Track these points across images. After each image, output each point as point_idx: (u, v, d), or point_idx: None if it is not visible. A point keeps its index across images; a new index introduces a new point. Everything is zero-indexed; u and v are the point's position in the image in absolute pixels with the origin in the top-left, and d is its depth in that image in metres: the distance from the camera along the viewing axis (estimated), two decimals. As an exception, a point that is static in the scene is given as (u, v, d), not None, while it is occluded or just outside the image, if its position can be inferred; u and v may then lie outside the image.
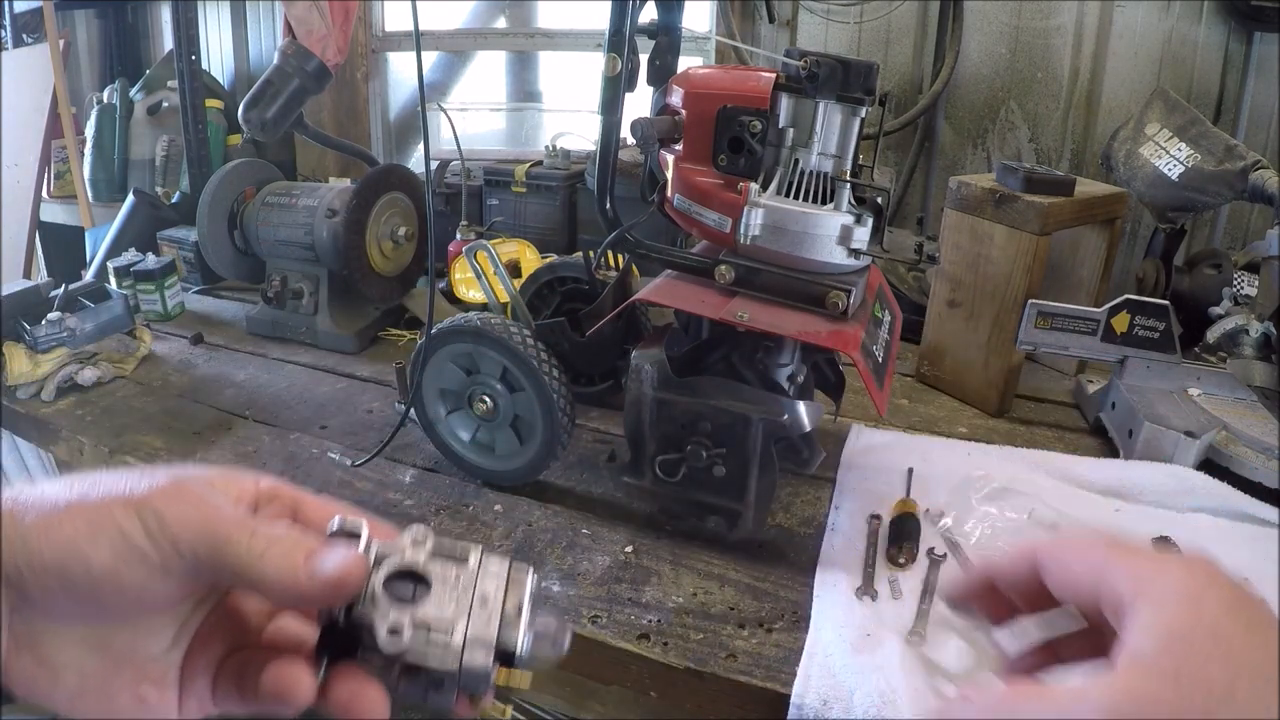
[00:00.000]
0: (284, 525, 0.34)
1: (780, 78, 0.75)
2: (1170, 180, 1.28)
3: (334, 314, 1.35)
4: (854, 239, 0.75)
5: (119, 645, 0.32)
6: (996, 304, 1.11)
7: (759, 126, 0.75)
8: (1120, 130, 1.41)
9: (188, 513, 0.31)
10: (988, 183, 1.11)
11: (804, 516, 0.90)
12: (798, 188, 0.76)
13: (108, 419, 1.11)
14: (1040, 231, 1.05)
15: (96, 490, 0.31)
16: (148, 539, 0.30)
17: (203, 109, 1.90)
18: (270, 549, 0.31)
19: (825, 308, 0.76)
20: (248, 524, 0.32)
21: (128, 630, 0.32)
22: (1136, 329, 1.04)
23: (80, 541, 0.29)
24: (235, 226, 1.39)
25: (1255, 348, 1.09)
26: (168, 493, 0.31)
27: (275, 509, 0.36)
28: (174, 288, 1.47)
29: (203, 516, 0.31)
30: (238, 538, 0.31)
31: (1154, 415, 0.97)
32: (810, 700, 0.65)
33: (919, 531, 0.83)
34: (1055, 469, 0.97)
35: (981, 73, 1.75)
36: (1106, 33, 1.62)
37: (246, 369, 1.27)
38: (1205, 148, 1.26)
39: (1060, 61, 1.67)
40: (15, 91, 2.25)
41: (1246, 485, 0.92)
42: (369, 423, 1.10)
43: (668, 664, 0.70)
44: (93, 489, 0.31)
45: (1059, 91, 1.69)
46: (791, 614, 0.75)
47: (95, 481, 0.31)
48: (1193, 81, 1.59)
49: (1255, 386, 1.05)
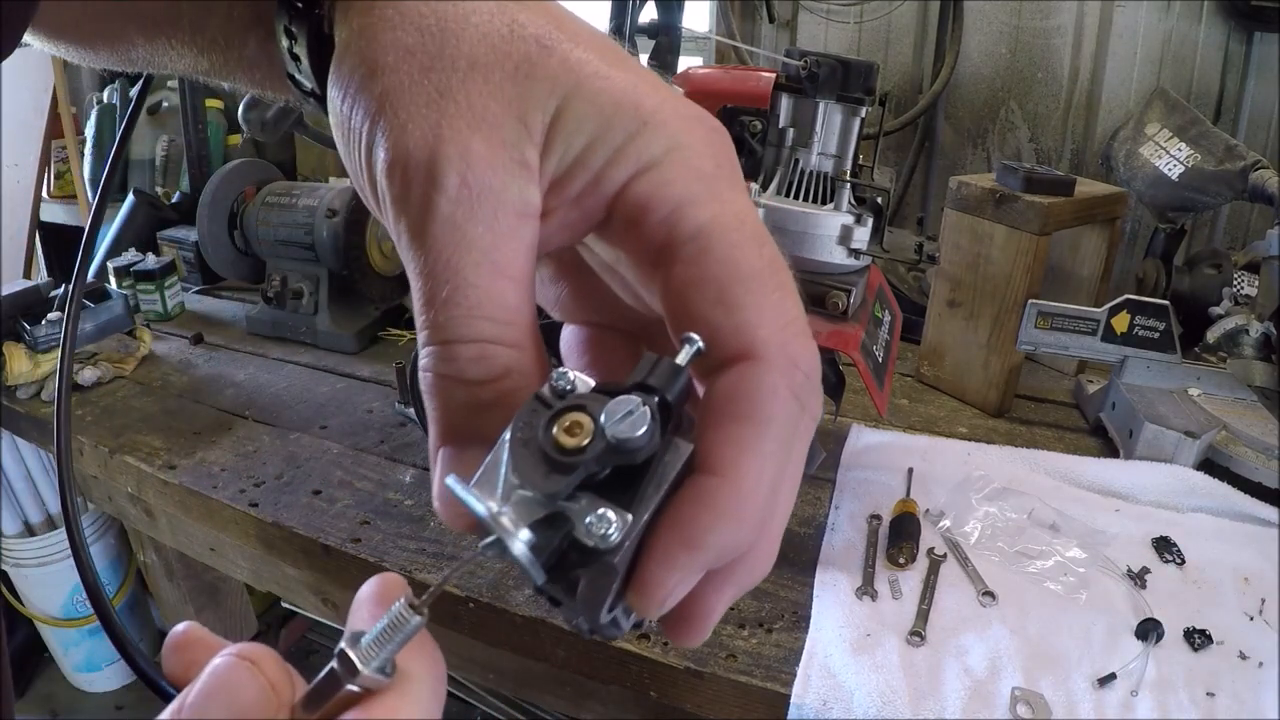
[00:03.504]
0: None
1: (780, 78, 0.75)
2: (1170, 180, 1.28)
3: (334, 314, 1.35)
4: (854, 239, 0.75)
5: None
6: (996, 304, 1.11)
7: (759, 126, 0.75)
8: (1120, 130, 1.41)
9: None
10: (988, 183, 1.11)
11: (804, 516, 0.90)
12: (798, 188, 0.76)
13: (108, 419, 1.10)
14: (1040, 231, 1.05)
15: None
16: None
17: (203, 109, 1.90)
18: None
19: (825, 308, 0.76)
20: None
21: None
22: (1136, 329, 1.04)
23: None
24: (235, 226, 1.39)
25: (1255, 348, 1.09)
26: None
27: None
28: (174, 288, 1.47)
29: None
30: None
31: (1154, 415, 0.97)
32: (810, 700, 0.65)
33: (919, 531, 0.83)
34: (1055, 469, 0.97)
35: (981, 73, 1.75)
36: (1106, 33, 1.62)
37: (246, 369, 1.27)
38: (1205, 148, 1.26)
39: (1060, 61, 1.67)
40: (15, 91, 2.25)
41: (1246, 485, 0.92)
42: (369, 422, 1.10)
43: (668, 664, 0.70)
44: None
45: (1059, 91, 1.69)
46: (791, 614, 0.75)
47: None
48: (1193, 81, 1.59)
49: (1255, 386, 1.05)
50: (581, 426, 0.22)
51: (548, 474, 0.22)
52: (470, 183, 0.23)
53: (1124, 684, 0.66)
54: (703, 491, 0.23)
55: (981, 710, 0.64)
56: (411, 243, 0.24)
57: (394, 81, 0.24)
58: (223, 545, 1.05)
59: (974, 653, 0.69)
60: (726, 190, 0.25)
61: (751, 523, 0.23)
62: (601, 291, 0.29)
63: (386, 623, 0.23)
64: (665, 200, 0.24)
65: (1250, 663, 0.69)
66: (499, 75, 0.24)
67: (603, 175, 0.25)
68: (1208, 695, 0.66)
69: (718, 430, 0.23)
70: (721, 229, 0.24)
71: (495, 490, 0.22)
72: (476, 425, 0.25)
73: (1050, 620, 0.73)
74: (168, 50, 0.33)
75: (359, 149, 0.25)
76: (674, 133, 0.25)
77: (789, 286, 0.25)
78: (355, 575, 0.85)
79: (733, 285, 0.24)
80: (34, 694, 2.01)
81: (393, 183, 0.24)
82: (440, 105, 0.24)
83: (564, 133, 0.24)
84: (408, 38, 0.24)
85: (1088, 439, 1.10)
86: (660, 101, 0.25)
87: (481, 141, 0.24)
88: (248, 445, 1.04)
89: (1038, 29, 1.68)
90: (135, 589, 1.94)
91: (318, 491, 0.94)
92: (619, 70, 0.25)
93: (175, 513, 1.01)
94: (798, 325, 0.24)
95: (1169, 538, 0.84)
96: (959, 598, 0.76)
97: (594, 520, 0.22)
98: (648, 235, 0.25)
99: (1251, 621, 0.74)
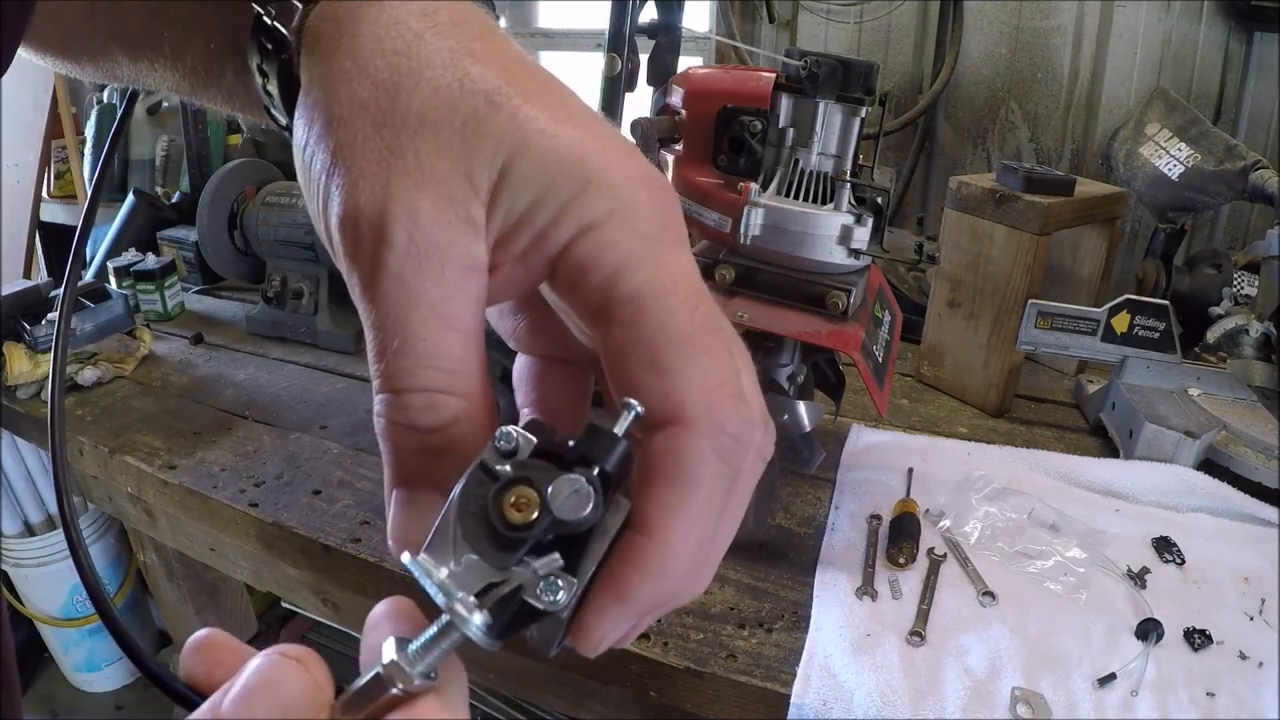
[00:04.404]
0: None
1: (780, 78, 0.75)
2: (1170, 180, 1.28)
3: (334, 314, 1.35)
4: (854, 239, 0.75)
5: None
6: (996, 304, 1.11)
7: (759, 126, 0.75)
8: (1120, 130, 1.41)
9: None
10: (988, 183, 1.11)
11: (804, 516, 0.90)
12: (798, 188, 0.76)
13: (108, 419, 1.11)
14: (1040, 231, 1.05)
15: None
16: None
17: (203, 109, 1.90)
18: None
19: (825, 308, 0.76)
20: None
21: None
22: (1136, 329, 1.04)
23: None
24: (235, 226, 1.39)
25: (1255, 348, 1.09)
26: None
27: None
28: (174, 288, 1.47)
29: None
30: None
31: (1154, 415, 0.97)
32: (810, 700, 0.65)
33: (919, 531, 0.83)
34: (1055, 469, 0.97)
35: (981, 73, 1.75)
36: (1106, 33, 1.62)
37: (246, 369, 1.27)
38: (1205, 148, 1.26)
39: (1060, 61, 1.67)
40: (15, 91, 2.25)
41: (1246, 485, 0.92)
42: (369, 422, 1.10)
43: (668, 664, 0.70)
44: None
45: (1059, 91, 1.69)
46: (791, 614, 0.75)
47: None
48: (1193, 81, 1.59)
49: (1255, 386, 1.05)
50: (528, 502, 0.24)
51: (496, 548, 0.24)
52: (418, 240, 0.24)
53: (1124, 684, 0.66)
54: (633, 550, 0.24)
55: (981, 710, 0.64)
56: (364, 295, 0.25)
57: (347, 136, 0.25)
58: (223, 545, 1.05)
59: (974, 653, 0.69)
60: (667, 252, 0.26)
61: (677, 578, 0.25)
62: (557, 327, 0.30)
63: (436, 630, 0.24)
64: (605, 262, 0.25)
65: (1250, 663, 0.69)
66: (447, 132, 0.24)
67: (546, 234, 0.25)
68: (1208, 695, 0.66)
69: (648, 491, 0.24)
70: (656, 293, 0.25)
71: (448, 556, 0.24)
72: (427, 469, 0.27)
73: (1050, 620, 0.73)
74: (151, 72, 0.34)
75: (317, 197, 0.26)
76: (618, 193, 0.25)
77: (721, 349, 0.25)
78: (355, 575, 0.85)
79: (662, 350, 0.24)
80: (34, 694, 2.01)
81: (345, 237, 0.25)
82: (390, 163, 0.24)
83: (509, 190, 0.25)
84: (363, 91, 0.25)
85: (1088, 439, 1.10)
86: (606, 161, 0.25)
87: (429, 200, 0.24)
88: (248, 445, 1.04)
89: (1038, 29, 1.68)
90: (135, 589, 1.95)
91: (318, 491, 0.94)
92: (567, 127, 0.25)
93: (175, 513, 1.01)
94: (727, 389, 0.25)
95: (1169, 538, 0.84)
96: (959, 598, 0.76)
97: (545, 587, 0.24)
98: (587, 295, 0.25)
99: (1251, 621, 0.74)
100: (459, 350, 0.26)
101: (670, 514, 0.24)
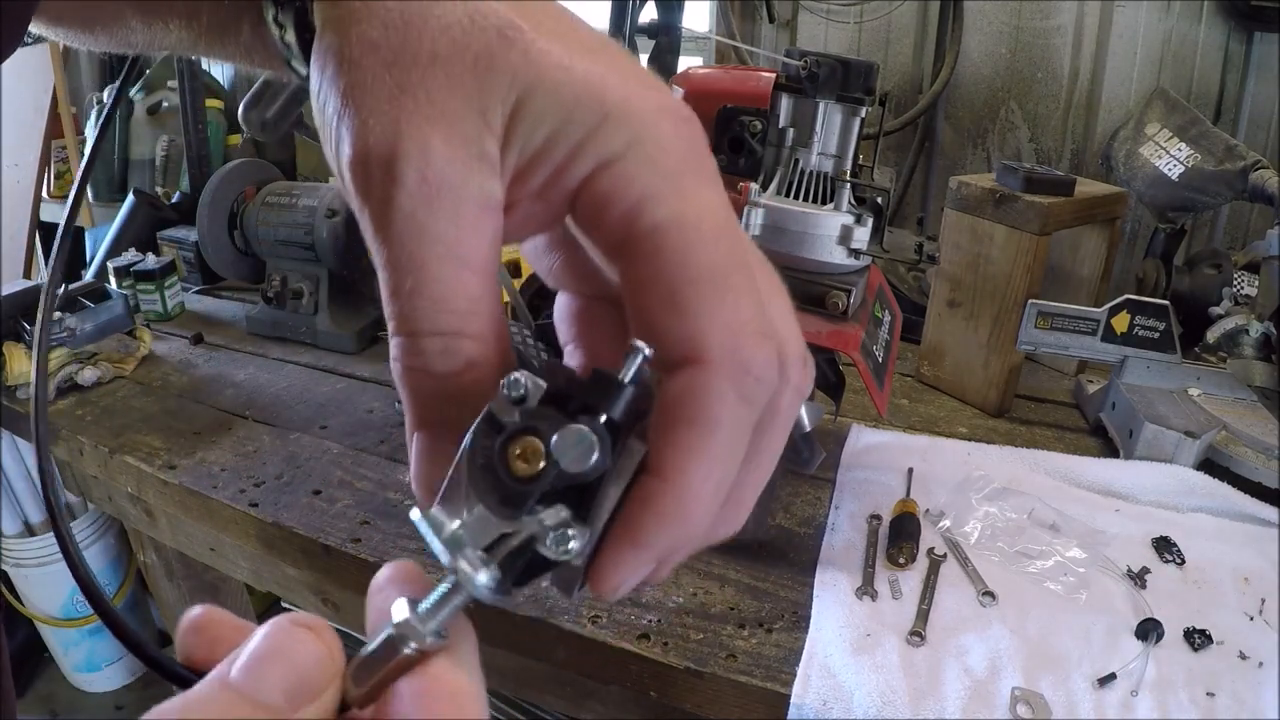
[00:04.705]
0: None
1: (780, 78, 0.75)
2: (1170, 180, 1.28)
3: (334, 314, 1.35)
4: (854, 239, 0.75)
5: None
6: (996, 304, 1.11)
7: (759, 126, 0.75)
8: (1120, 130, 1.41)
9: None
10: (988, 183, 1.11)
11: (804, 516, 0.90)
12: (798, 188, 0.76)
13: (108, 419, 1.11)
14: (1040, 231, 1.05)
15: None
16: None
17: (203, 109, 1.90)
18: None
19: (825, 308, 0.76)
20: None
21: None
22: (1136, 329, 1.04)
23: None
24: (235, 226, 1.39)
25: (1255, 348, 1.09)
26: None
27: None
28: (174, 288, 1.47)
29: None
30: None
31: (1154, 415, 0.97)
32: (810, 700, 0.65)
33: (919, 531, 0.83)
34: (1055, 469, 0.97)
35: (981, 73, 1.75)
36: (1106, 33, 1.62)
37: (246, 369, 1.27)
38: (1205, 148, 1.26)
39: (1060, 61, 1.68)
40: (15, 91, 2.25)
41: (1246, 485, 0.92)
42: (369, 422, 1.10)
43: (668, 664, 0.70)
44: None
45: (1059, 91, 1.69)
46: (791, 614, 0.75)
47: None
48: (1193, 81, 1.59)
49: (1255, 386, 1.05)
50: (534, 453, 0.23)
51: (504, 501, 0.23)
52: (430, 178, 0.24)
53: (1124, 684, 0.66)
54: (648, 494, 0.24)
55: (981, 710, 0.64)
56: (376, 235, 0.25)
57: (358, 76, 0.24)
58: (223, 545, 1.05)
59: (974, 653, 0.69)
60: (691, 184, 0.25)
61: (696, 522, 0.24)
62: (591, 264, 0.29)
63: (445, 588, 0.24)
64: (624, 196, 0.24)
65: (1250, 663, 0.69)
66: (459, 68, 0.24)
67: (563, 169, 0.25)
68: (1208, 695, 0.66)
69: (665, 433, 0.24)
70: (678, 227, 0.24)
71: (460, 508, 0.24)
72: (446, 413, 0.26)
73: (1050, 620, 0.73)
74: (165, 34, 0.34)
75: (330, 140, 0.25)
76: (638, 125, 0.24)
77: (745, 285, 0.25)
78: (355, 575, 0.85)
79: (683, 287, 0.24)
80: (34, 694, 2.01)
81: (356, 177, 0.24)
82: (400, 101, 0.24)
83: (523, 126, 0.24)
84: (373, 31, 0.24)
85: (1088, 439, 1.10)
86: (626, 93, 0.24)
87: (440, 137, 0.24)
88: (248, 445, 1.04)
89: (1038, 29, 1.68)
90: (135, 589, 1.95)
91: (318, 491, 0.94)
92: (584, 60, 0.24)
93: (175, 513, 1.01)
94: (751, 326, 0.24)
95: (1169, 538, 0.84)
96: (959, 598, 0.76)
97: (557, 537, 0.23)
98: (608, 231, 0.25)
99: (1251, 621, 0.74)
100: (475, 290, 0.25)
101: (687, 457, 0.23)
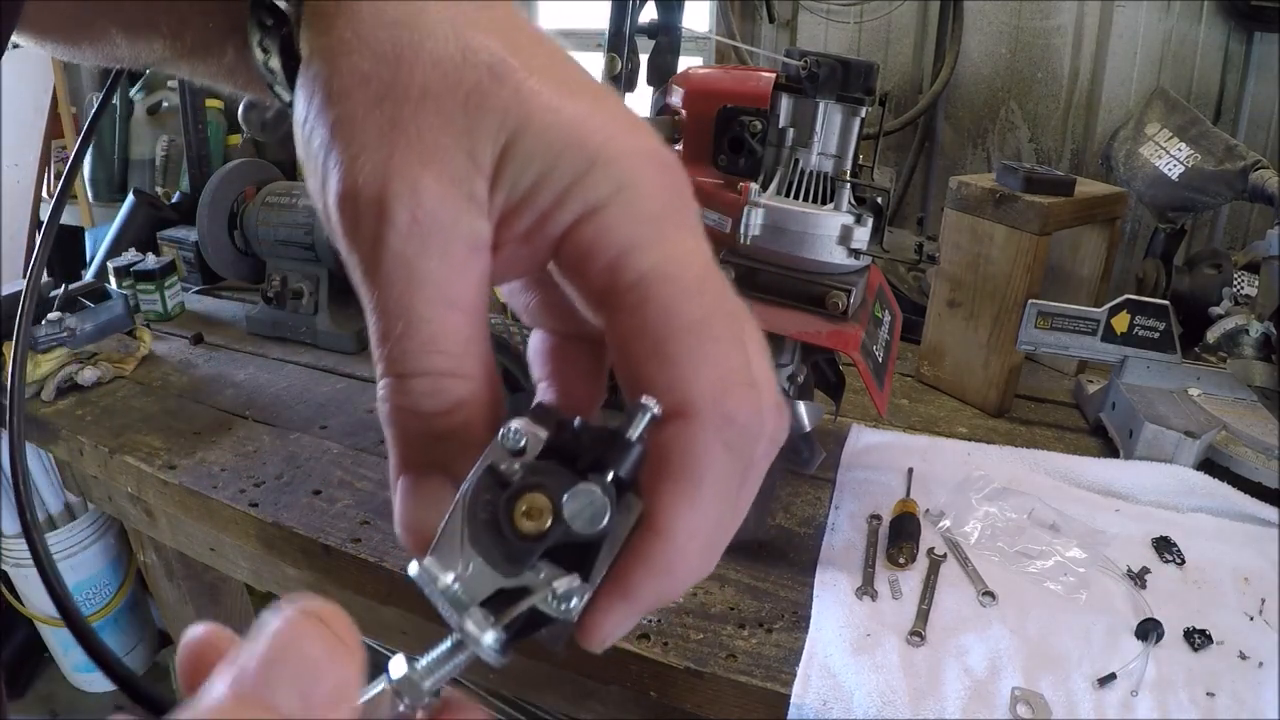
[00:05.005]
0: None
1: (780, 78, 0.75)
2: (1170, 180, 1.28)
3: (334, 314, 1.35)
4: (854, 239, 0.75)
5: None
6: (996, 304, 1.11)
7: (759, 126, 0.75)
8: (1120, 130, 1.41)
9: None
10: (988, 183, 1.11)
11: (804, 516, 0.90)
12: (798, 188, 0.76)
13: (108, 419, 1.11)
14: (1040, 231, 1.05)
15: None
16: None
17: (203, 109, 1.90)
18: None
19: (825, 308, 0.76)
20: None
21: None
22: (1136, 329, 1.04)
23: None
24: (235, 226, 1.39)
25: (1255, 348, 1.09)
26: None
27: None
28: (174, 288, 1.47)
29: None
30: None
31: (1154, 415, 0.97)
32: (810, 700, 0.65)
33: (919, 531, 0.83)
34: (1055, 469, 0.97)
35: (981, 73, 1.75)
36: (1106, 33, 1.62)
37: (246, 369, 1.27)
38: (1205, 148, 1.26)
39: (1060, 61, 1.68)
40: (15, 91, 2.25)
41: (1246, 485, 0.92)
42: (369, 422, 1.10)
43: (668, 664, 0.70)
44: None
45: (1059, 91, 1.69)
46: (791, 614, 0.75)
47: None
48: (1193, 81, 1.59)
49: (1255, 386, 1.05)
50: (541, 511, 0.23)
51: (506, 556, 0.23)
52: (420, 219, 0.23)
53: (1124, 684, 0.66)
54: (641, 549, 0.24)
55: (981, 710, 0.64)
56: (365, 277, 0.25)
57: (347, 109, 0.24)
58: (223, 545, 1.05)
59: (974, 653, 0.69)
60: (673, 233, 0.25)
61: (686, 574, 0.24)
62: (568, 304, 0.29)
63: (449, 646, 0.23)
64: (608, 246, 0.24)
65: (1250, 663, 0.69)
66: (450, 105, 0.24)
67: (549, 216, 0.25)
68: (1208, 695, 0.66)
69: (656, 486, 0.24)
70: (661, 278, 0.24)
71: (455, 560, 0.23)
72: (433, 455, 0.26)
73: (1050, 620, 0.73)
74: (149, 51, 0.34)
75: (316, 173, 0.25)
76: (622, 172, 0.24)
77: (729, 335, 0.24)
78: (355, 575, 0.85)
79: (668, 339, 0.24)
80: (34, 694, 2.01)
81: (344, 215, 0.24)
82: (391, 138, 0.23)
83: (512, 168, 0.24)
84: (364, 63, 0.24)
85: (1088, 439, 1.10)
86: (610, 136, 0.24)
87: (432, 176, 0.23)
88: (248, 445, 1.04)
89: (1038, 29, 1.68)
90: (135, 589, 1.94)
91: (318, 491, 0.94)
92: (572, 101, 0.24)
93: (175, 513, 1.01)
94: (735, 377, 0.24)
95: (1169, 538, 0.84)
96: (959, 598, 0.76)
97: (557, 596, 0.23)
98: (592, 279, 0.25)
99: (1251, 621, 0.74)
100: (465, 331, 0.25)
101: (678, 512, 0.24)
